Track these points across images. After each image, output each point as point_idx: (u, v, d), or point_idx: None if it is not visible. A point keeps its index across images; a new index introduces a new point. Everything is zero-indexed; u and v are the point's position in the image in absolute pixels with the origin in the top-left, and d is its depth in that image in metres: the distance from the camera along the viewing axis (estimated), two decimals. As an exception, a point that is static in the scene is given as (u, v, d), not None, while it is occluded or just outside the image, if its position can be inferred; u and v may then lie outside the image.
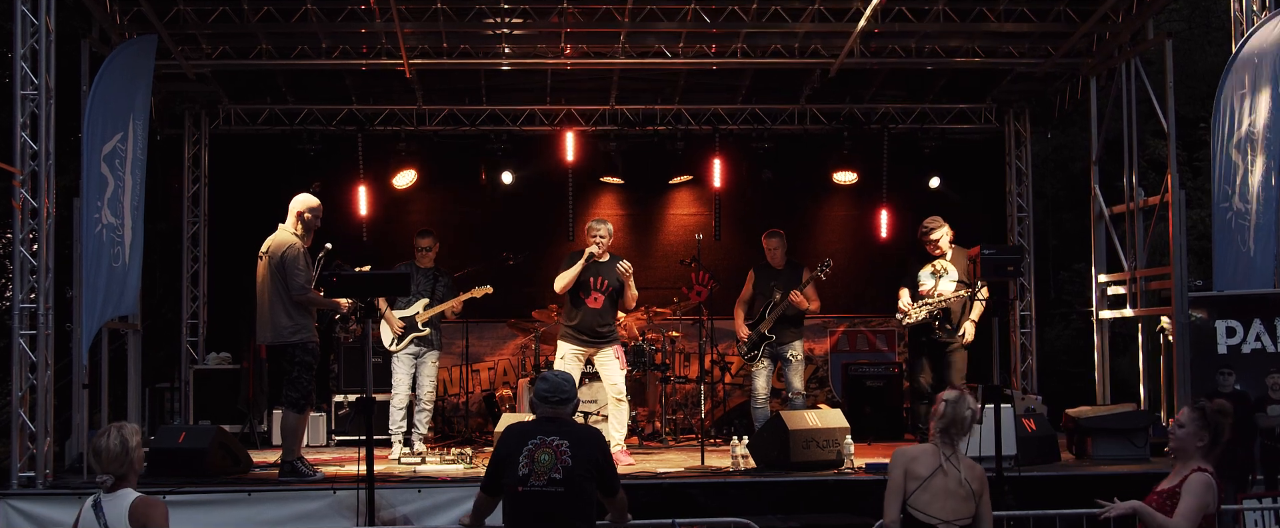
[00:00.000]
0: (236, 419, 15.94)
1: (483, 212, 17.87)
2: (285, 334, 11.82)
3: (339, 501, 10.98)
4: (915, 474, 7.36)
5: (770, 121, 17.89)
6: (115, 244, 11.96)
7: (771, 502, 11.50)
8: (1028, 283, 17.79)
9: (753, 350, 14.39)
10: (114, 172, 11.92)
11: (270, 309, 11.86)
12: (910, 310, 13.90)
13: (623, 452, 13.18)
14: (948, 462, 7.34)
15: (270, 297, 11.86)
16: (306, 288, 11.75)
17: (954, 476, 7.30)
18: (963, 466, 7.36)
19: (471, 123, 17.69)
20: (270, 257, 11.85)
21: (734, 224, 18.00)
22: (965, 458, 7.44)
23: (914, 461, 7.42)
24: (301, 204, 12.14)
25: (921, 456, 7.44)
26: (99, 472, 6.92)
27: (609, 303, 13.40)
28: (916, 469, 7.37)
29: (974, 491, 7.32)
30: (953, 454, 7.38)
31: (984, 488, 7.37)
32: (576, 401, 7.86)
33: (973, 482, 7.33)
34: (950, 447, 7.42)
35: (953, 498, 7.30)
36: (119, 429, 6.99)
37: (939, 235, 13.90)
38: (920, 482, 7.31)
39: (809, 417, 12.80)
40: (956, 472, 7.31)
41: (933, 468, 7.32)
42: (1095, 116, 15.82)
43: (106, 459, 6.89)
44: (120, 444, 6.91)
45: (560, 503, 7.33)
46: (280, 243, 11.90)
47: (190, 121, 17.23)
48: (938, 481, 7.30)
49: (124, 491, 6.91)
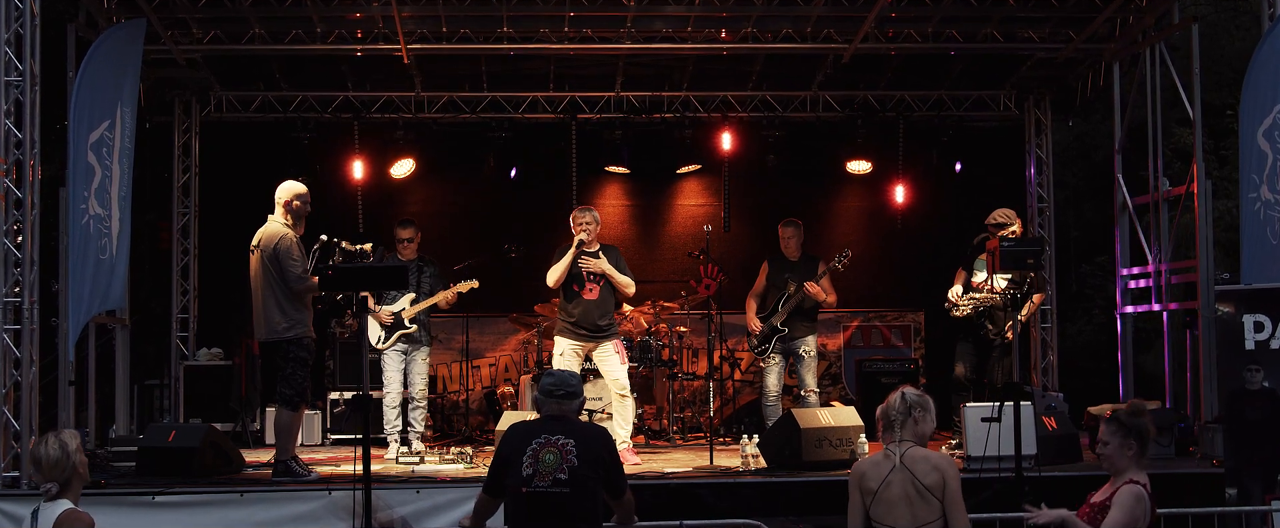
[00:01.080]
0: (228, 417, 15.91)
1: (484, 202, 17.86)
2: (280, 330, 11.82)
3: (334, 502, 10.93)
4: (867, 489, 7.28)
5: (782, 109, 17.85)
6: (102, 236, 11.94)
7: (783, 503, 11.48)
8: (1049, 276, 17.69)
9: (764, 344, 14.37)
10: (101, 161, 11.90)
11: (264, 305, 11.85)
12: (960, 302, 13.73)
13: (629, 451, 13.15)
14: (899, 465, 7.24)
15: (264, 292, 11.86)
16: (305, 277, 11.75)
17: (904, 478, 7.21)
18: (915, 465, 7.25)
19: (472, 110, 17.64)
20: (262, 250, 11.85)
21: (744, 215, 17.99)
22: (922, 453, 7.33)
23: (864, 476, 7.33)
24: (288, 192, 12.14)
25: (870, 468, 7.35)
26: (41, 481, 6.91)
27: (606, 293, 13.42)
28: (867, 484, 7.28)
29: (928, 486, 7.21)
30: (903, 454, 7.29)
31: (946, 478, 7.23)
32: (583, 397, 7.83)
33: (926, 478, 7.22)
34: (897, 445, 7.34)
35: (909, 504, 7.21)
36: (58, 436, 6.98)
37: (1013, 231, 13.47)
38: (873, 495, 7.24)
39: (822, 415, 12.79)
40: (907, 473, 7.21)
41: (882, 478, 7.23)
42: (1118, 104, 15.79)
43: (46, 468, 6.88)
44: (60, 450, 6.90)
45: (566, 504, 7.30)
46: (272, 235, 11.90)
47: (180, 109, 17.21)
48: (891, 489, 7.21)
49: (60, 501, 6.89)
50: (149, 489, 10.79)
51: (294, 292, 11.83)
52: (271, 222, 12.02)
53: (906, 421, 7.35)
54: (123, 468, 12.36)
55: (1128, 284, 15.54)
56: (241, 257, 12.23)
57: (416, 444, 14.00)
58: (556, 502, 7.30)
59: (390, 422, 14.01)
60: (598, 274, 13.31)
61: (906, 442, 7.30)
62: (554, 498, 7.30)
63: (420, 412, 14.19)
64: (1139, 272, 15.32)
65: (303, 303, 11.95)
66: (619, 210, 18.30)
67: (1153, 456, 12.83)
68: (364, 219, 17.24)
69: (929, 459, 7.23)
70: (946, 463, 7.21)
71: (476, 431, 16.80)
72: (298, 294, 11.86)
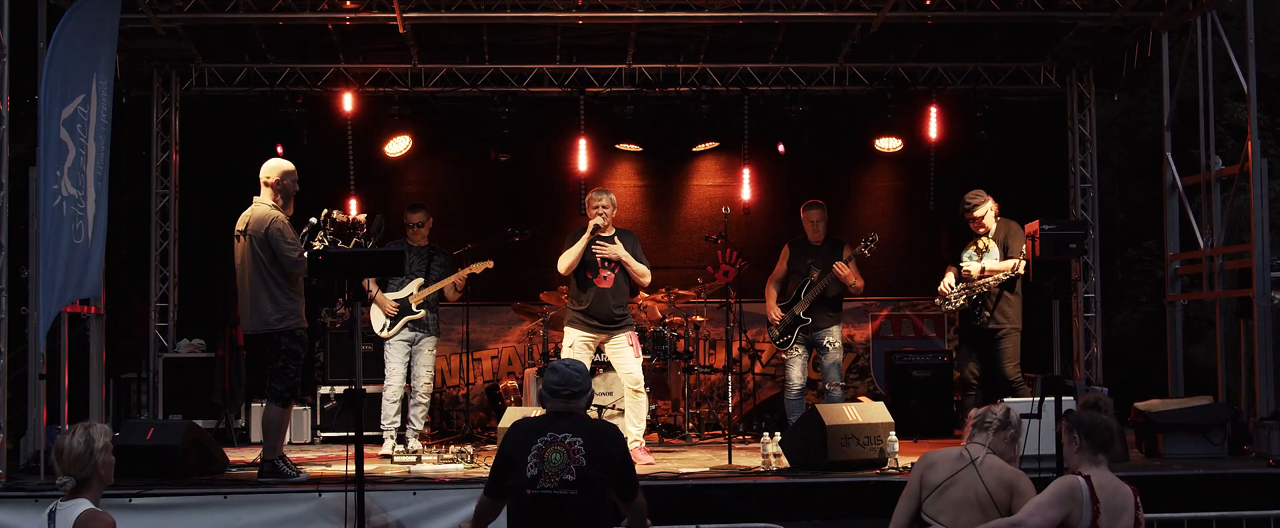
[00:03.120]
0: (211, 414, 15.90)
1: (485, 182, 17.86)
2: (272, 321, 11.80)
3: (325, 504, 10.93)
4: (930, 481, 7.30)
5: (805, 82, 17.78)
6: (76, 218, 11.92)
7: (807, 506, 11.46)
8: (1092, 262, 17.67)
9: (785, 335, 14.38)
10: (75, 138, 11.89)
11: (253, 294, 11.83)
12: (950, 295, 13.91)
13: (641, 450, 13.18)
14: (972, 467, 7.25)
15: (253, 280, 11.84)
16: (302, 260, 11.71)
17: (973, 483, 7.22)
18: (988, 473, 7.27)
19: (472, 83, 17.61)
20: (251, 234, 11.82)
21: (765, 196, 17.97)
22: (1000, 465, 7.36)
23: (933, 465, 7.37)
24: (275, 171, 12.12)
25: (941, 460, 7.39)
26: (59, 473, 6.91)
27: (621, 281, 13.42)
28: (933, 476, 7.31)
29: (994, 500, 7.24)
30: (980, 459, 7.30)
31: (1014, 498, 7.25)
32: (591, 392, 7.83)
33: (995, 491, 7.24)
34: (986, 448, 7.36)
35: (967, 509, 7.24)
36: (86, 429, 6.99)
37: (982, 212, 13.90)
38: (935, 488, 7.25)
39: (848, 411, 12.75)
40: (978, 479, 7.22)
41: (950, 474, 7.24)
42: (1167, 77, 15.72)
43: (67, 460, 6.89)
44: (84, 445, 6.90)
45: (573, 507, 7.30)
46: (261, 217, 11.86)
47: (159, 82, 17.18)
48: (954, 489, 7.23)
49: (79, 500, 6.89)
50: (125, 491, 10.75)
51: (289, 277, 11.83)
52: (258, 204, 11.99)
53: (1002, 430, 7.38)
54: (98, 468, 12.34)
55: (1177, 270, 15.49)
56: (225, 241, 12.21)
57: (414, 443, 14.01)
58: (563, 504, 7.30)
59: (388, 418, 14.04)
60: (613, 261, 13.30)
61: (987, 450, 7.33)
62: (561, 501, 7.30)
63: (422, 408, 14.22)
64: (1189, 257, 15.27)
65: (296, 291, 11.94)
66: (630, 191, 18.28)
67: (1203, 454, 12.90)
68: (357, 201, 17.21)
69: (1004, 473, 7.28)
70: (1024, 485, 7.25)
71: (477, 428, 16.78)
72: (292, 280, 11.86)
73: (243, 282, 11.94)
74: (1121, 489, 7.21)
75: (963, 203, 14.05)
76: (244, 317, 11.99)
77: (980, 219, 13.91)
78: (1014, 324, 13.81)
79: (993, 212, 13.94)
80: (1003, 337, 13.79)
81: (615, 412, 14.35)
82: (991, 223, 13.93)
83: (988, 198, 13.97)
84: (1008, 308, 13.80)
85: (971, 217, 13.95)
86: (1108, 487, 7.13)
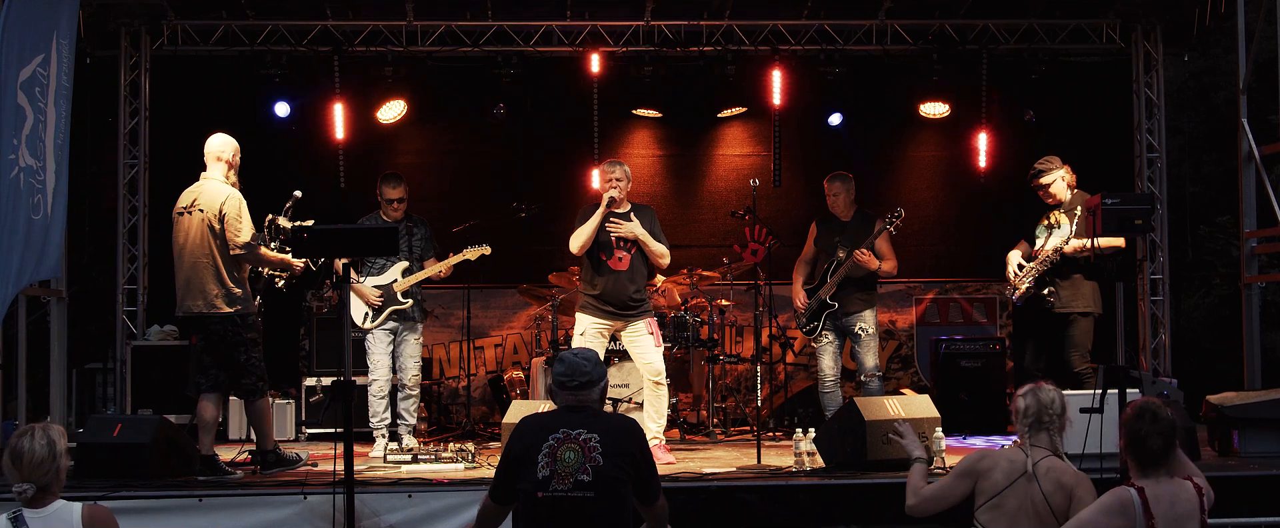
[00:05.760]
0: (184, 408, 15.78)
1: (487, 152, 17.89)
2: (221, 303, 12.02)
3: (310, 508, 10.88)
4: (987, 488, 7.29)
5: (842, 41, 17.69)
6: (34, 192, 11.91)
7: (844, 510, 11.40)
8: (1160, 240, 17.63)
9: (812, 321, 14.35)
10: (33, 103, 11.86)
11: (200, 276, 12.02)
12: (1019, 282, 13.78)
13: (661, 447, 13.13)
14: (1030, 473, 7.24)
15: (204, 260, 12.02)
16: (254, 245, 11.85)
17: (1030, 490, 7.20)
18: (1045, 478, 7.25)
19: (474, 43, 17.54)
20: (205, 212, 11.97)
21: (797, 167, 17.97)
22: (1059, 467, 7.34)
23: (993, 468, 7.36)
24: (229, 147, 12.47)
25: (1003, 462, 7.37)
26: (17, 479, 6.89)
27: (639, 262, 13.34)
28: (990, 481, 7.30)
29: (1053, 506, 7.22)
30: (1037, 462, 7.28)
31: (1073, 503, 7.24)
32: (604, 382, 7.77)
33: (1052, 496, 7.22)
34: (1045, 449, 7.34)
35: (1023, 518, 7.23)
36: (46, 431, 6.97)
37: (1050, 179, 13.72)
38: (988, 496, 7.24)
39: (890, 405, 12.71)
40: (1035, 485, 7.21)
41: (1012, 478, 7.23)
42: (1243, 34, 15.63)
43: (28, 465, 6.87)
44: (47, 449, 6.90)
45: (590, 510, 7.26)
46: (216, 194, 12.10)
47: (127, 41, 17.14)
48: (1011, 497, 7.22)
49: (57, 503, 6.88)
50: (90, 493, 10.68)
51: (246, 259, 12.05)
52: (213, 181, 12.16)
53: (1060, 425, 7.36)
54: (60, 468, 12.33)
55: (1254, 249, 15.42)
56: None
57: (408, 440, 14.02)
58: (578, 508, 7.27)
59: (377, 414, 14.02)
60: (629, 240, 13.23)
61: (1044, 450, 7.31)
62: (575, 503, 7.26)
63: (412, 401, 14.19)
64: (1268, 234, 15.22)
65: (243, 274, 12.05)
66: (648, 162, 18.26)
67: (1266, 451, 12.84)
68: (346, 172, 17.20)
69: (1064, 476, 7.26)
70: (1083, 490, 7.22)
71: (479, 424, 16.79)
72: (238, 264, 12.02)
73: (187, 261, 12.12)
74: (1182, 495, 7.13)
75: (1031, 170, 13.86)
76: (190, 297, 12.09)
77: (1048, 188, 13.70)
78: (1086, 308, 13.65)
79: (1065, 182, 13.70)
80: (1072, 322, 13.64)
81: (632, 406, 14.34)
82: (1064, 194, 13.71)
83: (1059, 166, 13.69)
84: (1078, 289, 13.63)
85: (1038, 183, 13.76)
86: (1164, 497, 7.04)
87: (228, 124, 12.98)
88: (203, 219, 11.92)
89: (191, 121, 16.65)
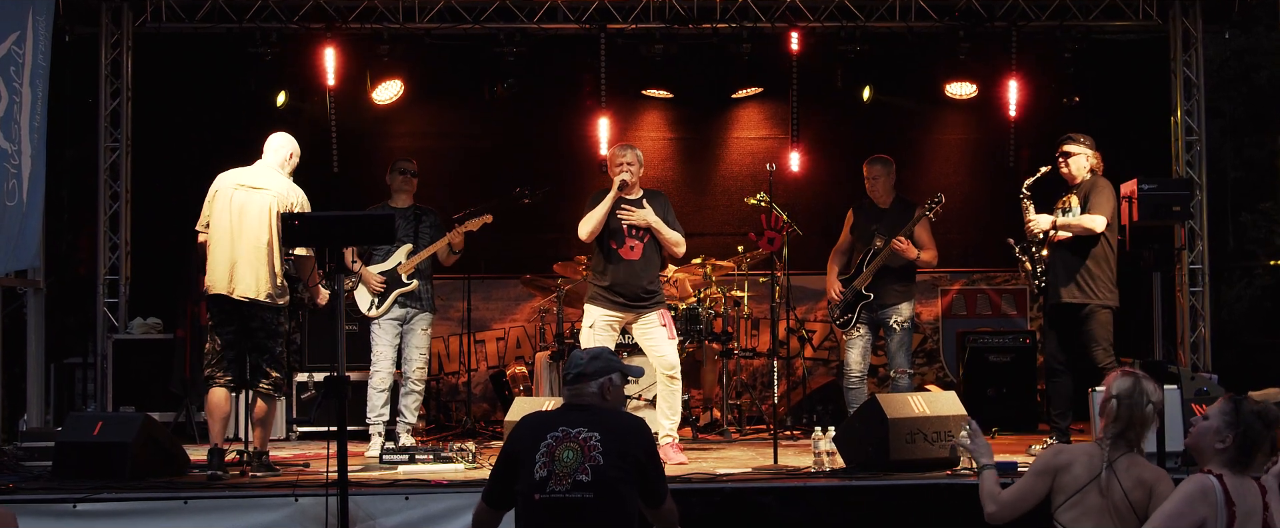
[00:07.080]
0: (169, 405, 15.88)
1: (489, 134, 17.84)
2: (274, 292, 12.13)
3: (302, 510, 10.86)
4: (1063, 486, 7.28)
5: (864, 17, 17.57)
6: (9, 177, 11.92)
7: (865, 513, 11.35)
8: (1199, 228, 17.52)
9: (846, 314, 14.27)
10: (8, 83, 11.87)
11: (262, 258, 12.06)
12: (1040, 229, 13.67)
13: (672, 447, 13.10)
14: (1112, 471, 7.22)
15: (266, 242, 12.04)
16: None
17: (1117, 492, 7.19)
18: (1124, 475, 7.24)
19: (475, 19, 17.44)
20: (277, 197, 12.08)
21: (817, 150, 17.89)
22: (1138, 463, 7.32)
23: (1070, 466, 7.34)
24: (293, 146, 12.50)
25: (1082, 457, 7.35)
26: None
27: (651, 251, 13.27)
28: (1067, 479, 7.28)
29: (1132, 502, 7.20)
30: (1115, 460, 7.27)
31: (1152, 499, 7.21)
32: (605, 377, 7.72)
33: (1132, 493, 7.21)
34: (1123, 452, 7.32)
35: (1101, 517, 7.21)
36: None
37: (1076, 151, 13.27)
38: (1067, 494, 7.23)
39: (914, 402, 12.65)
40: (1114, 482, 7.20)
41: (1091, 476, 7.21)
42: (1289, 10, 15.65)
43: None
44: None
45: (588, 513, 7.23)
46: (291, 187, 12.25)
47: (108, 18, 17.05)
48: (1088, 497, 7.20)
49: None
50: (69, 495, 10.73)
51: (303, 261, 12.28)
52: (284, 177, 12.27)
53: (1151, 420, 7.34)
54: (36, 469, 12.32)
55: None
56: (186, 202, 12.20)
57: (406, 438, 13.98)
58: (577, 510, 7.24)
59: (375, 410, 14.02)
60: (641, 228, 13.16)
61: (1123, 446, 7.29)
62: (574, 505, 7.23)
63: (414, 398, 14.18)
64: (1314, 221, 15.19)
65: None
66: (659, 145, 18.23)
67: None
68: (339, 155, 17.13)
69: (1144, 472, 7.24)
70: (1164, 487, 7.19)
71: (480, 422, 16.81)
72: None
73: (250, 240, 12.05)
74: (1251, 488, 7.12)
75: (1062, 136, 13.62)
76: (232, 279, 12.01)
77: (1068, 159, 13.42)
78: (1102, 300, 13.56)
79: (1087, 162, 13.56)
80: (1089, 315, 13.56)
81: (643, 403, 14.30)
82: (1082, 173, 13.57)
83: (1085, 145, 13.49)
84: (1092, 280, 13.49)
85: (1063, 151, 13.45)
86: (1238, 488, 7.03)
87: (214, 106, 12.96)
88: (273, 204, 11.97)
89: (176, 103, 16.78)
